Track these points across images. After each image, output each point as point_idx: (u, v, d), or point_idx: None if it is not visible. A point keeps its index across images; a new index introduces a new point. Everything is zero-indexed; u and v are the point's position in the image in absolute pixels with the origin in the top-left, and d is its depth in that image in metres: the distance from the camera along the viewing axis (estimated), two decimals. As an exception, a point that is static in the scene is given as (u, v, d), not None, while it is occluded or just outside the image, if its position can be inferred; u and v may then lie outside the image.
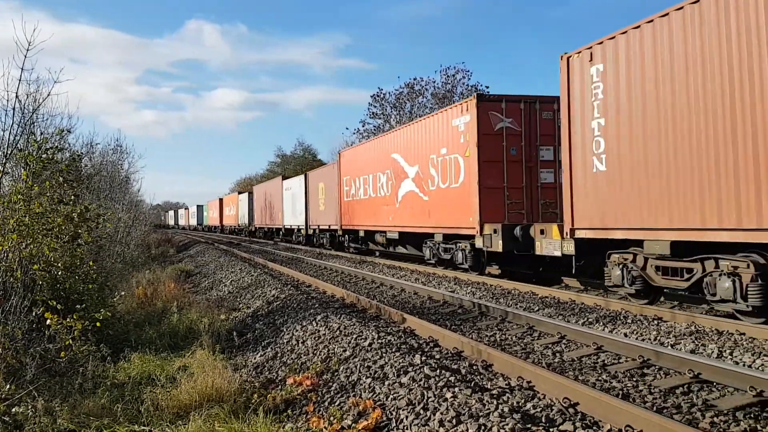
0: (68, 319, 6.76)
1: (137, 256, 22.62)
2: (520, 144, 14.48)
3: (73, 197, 9.17)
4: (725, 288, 8.21)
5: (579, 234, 10.78)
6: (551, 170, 14.59)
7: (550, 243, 11.72)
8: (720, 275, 8.33)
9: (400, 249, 21.19)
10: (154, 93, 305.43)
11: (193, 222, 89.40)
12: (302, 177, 32.54)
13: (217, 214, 67.74)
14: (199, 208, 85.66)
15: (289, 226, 35.77)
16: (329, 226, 27.76)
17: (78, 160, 11.98)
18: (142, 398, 6.03)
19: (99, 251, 12.50)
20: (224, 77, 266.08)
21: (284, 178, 38.75)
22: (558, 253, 11.38)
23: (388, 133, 21.36)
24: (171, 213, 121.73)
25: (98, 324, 7.21)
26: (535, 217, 14.38)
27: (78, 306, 7.53)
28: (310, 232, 31.39)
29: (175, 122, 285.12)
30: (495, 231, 13.65)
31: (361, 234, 23.57)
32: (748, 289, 7.96)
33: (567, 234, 11.02)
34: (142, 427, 5.25)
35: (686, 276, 8.96)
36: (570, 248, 10.97)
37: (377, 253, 23.90)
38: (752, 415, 4.81)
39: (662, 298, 10.38)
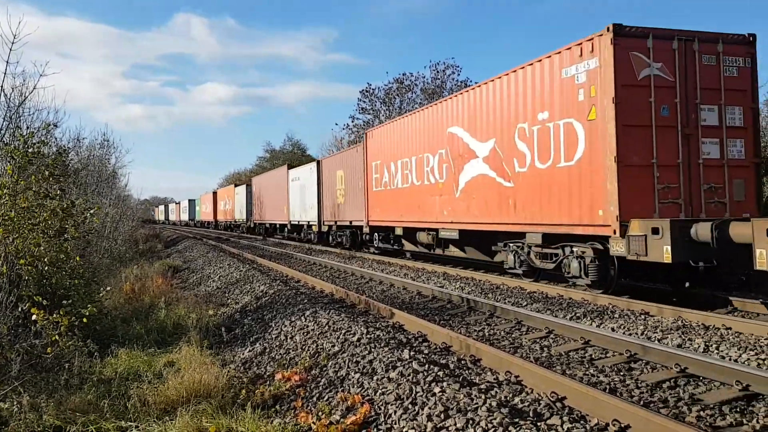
0: (55, 315, 6.70)
1: (125, 251, 22.50)
2: (674, 101, 9.97)
3: (59, 192, 9.09)
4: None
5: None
6: (716, 140, 10.16)
7: None
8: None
9: (455, 251, 16.43)
10: (141, 87, 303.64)
11: (185, 217, 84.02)
12: (313, 165, 28.12)
13: (210, 209, 63.28)
14: (191, 202, 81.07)
15: (296, 222, 30.96)
16: (350, 222, 23.42)
17: (64, 154, 11.88)
18: (128, 394, 6.00)
19: (86, 246, 12.42)
20: (212, 71, 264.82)
21: (290, 167, 33.56)
22: None
23: (442, 101, 16.00)
24: (161, 208, 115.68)
25: (85, 320, 7.15)
26: (696, 208, 10.03)
27: (65, 301, 7.47)
28: (324, 228, 26.93)
29: (162, 117, 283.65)
30: (656, 231, 9.00)
31: (398, 232, 18.98)
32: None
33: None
34: (129, 423, 5.22)
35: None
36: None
37: (408, 255, 19.96)
38: (738, 409, 4.85)
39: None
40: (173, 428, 4.97)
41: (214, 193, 63.09)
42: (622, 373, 5.92)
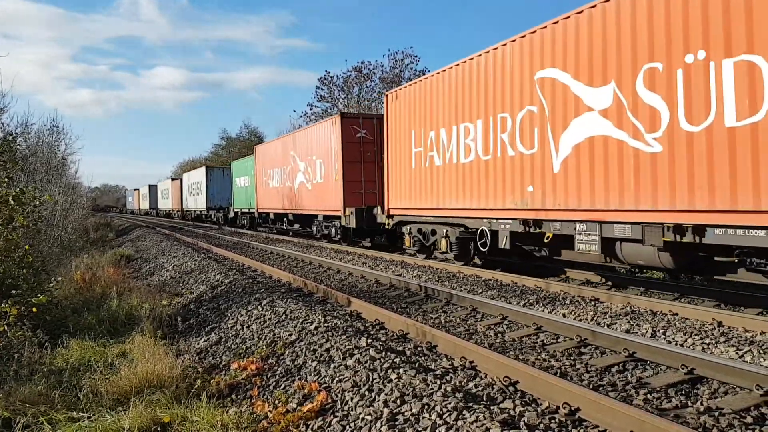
0: (3, 305, 6.54)
1: (75, 240, 21.96)
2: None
3: (6, 179, 8.83)
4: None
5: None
6: None
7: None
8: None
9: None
10: (90, 71, 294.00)
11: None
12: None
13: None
14: (152, 189, 72.50)
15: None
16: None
17: (12, 140, 11.51)
18: (80, 385, 5.88)
19: (36, 235, 12.09)
20: (164, 55, 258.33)
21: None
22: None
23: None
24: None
25: (34, 309, 7.00)
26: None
27: (13, 291, 7.29)
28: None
29: (113, 102, 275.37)
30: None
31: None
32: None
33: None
34: (81, 414, 5.13)
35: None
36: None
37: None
38: (683, 392, 5.03)
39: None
40: (126, 418, 4.90)
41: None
42: (572, 358, 6.08)
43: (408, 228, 15.93)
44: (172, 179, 60.86)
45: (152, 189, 72.80)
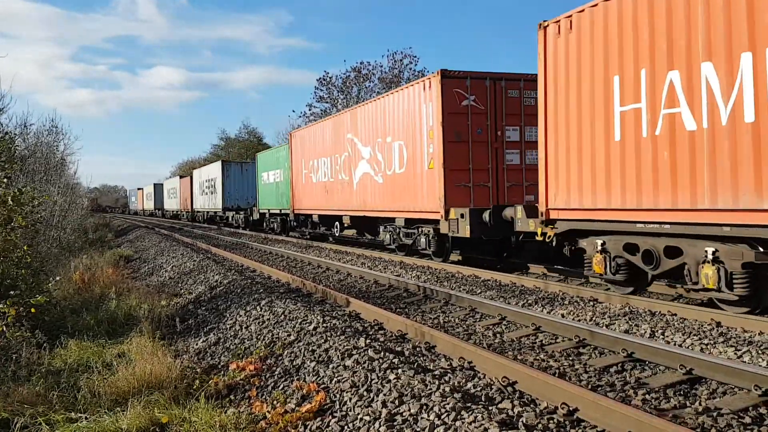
0: (1, 305, 6.54)
1: (74, 240, 21.94)
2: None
3: (5, 180, 8.83)
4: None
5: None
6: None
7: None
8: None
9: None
10: (89, 71, 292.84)
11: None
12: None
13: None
14: (158, 188, 67.19)
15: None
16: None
17: (11, 141, 11.52)
18: (78, 385, 5.89)
19: (35, 236, 12.09)
20: (162, 54, 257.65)
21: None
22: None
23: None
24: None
25: (33, 310, 7.00)
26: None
27: (12, 291, 7.29)
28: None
29: (112, 102, 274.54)
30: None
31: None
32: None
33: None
34: (79, 415, 5.13)
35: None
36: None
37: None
38: (682, 393, 5.03)
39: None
40: (125, 419, 4.90)
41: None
42: (571, 358, 6.08)
43: (597, 243, 9.53)
44: (181, 177, 55.12)
45: (157, 188, 67.81)
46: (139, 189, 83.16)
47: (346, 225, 20.38)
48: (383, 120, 16.47)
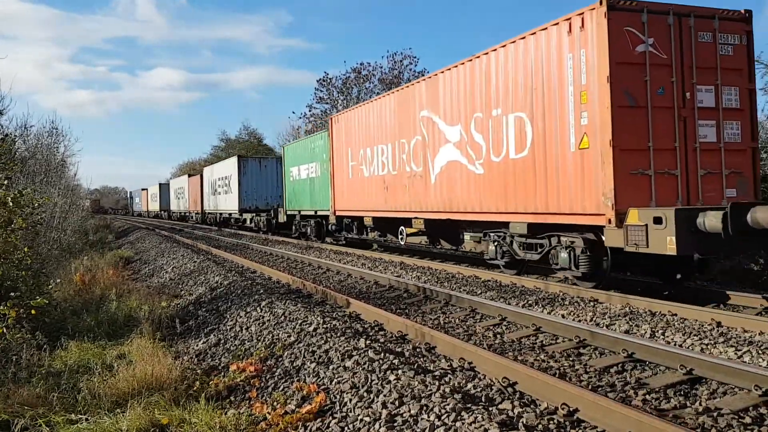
0: (1, 307, 6.53)
1: (74, 242, 21.94)
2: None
3: (5, 181, 8.83)
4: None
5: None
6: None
7: None
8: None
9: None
10: (88, 72, 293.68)
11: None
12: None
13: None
14: (163, 188, 62.27)
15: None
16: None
17: (11, 142, 11.53)
18: (79, 387, 5.89)
19: (35, 237, 12.09)
20: (162, 55, 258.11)
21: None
22: None
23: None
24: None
25: (33, 311, 6.99)
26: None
27: (12, 293, 7.28)
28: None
29: (111, 102, 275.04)
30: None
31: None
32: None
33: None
34: (79, 416, 5.13)
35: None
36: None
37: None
38: (682, 393, 5.03)
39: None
40: (125, 420, 4.90)
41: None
42: (571, 359, 6.07)
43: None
44: (189, 175, 49.99)
45: (163, 188, 62.72)
46: (143, 189, 78.13)
47: (416, 230, 15.69)
48: (485, 87, 11.85)
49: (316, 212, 22.53)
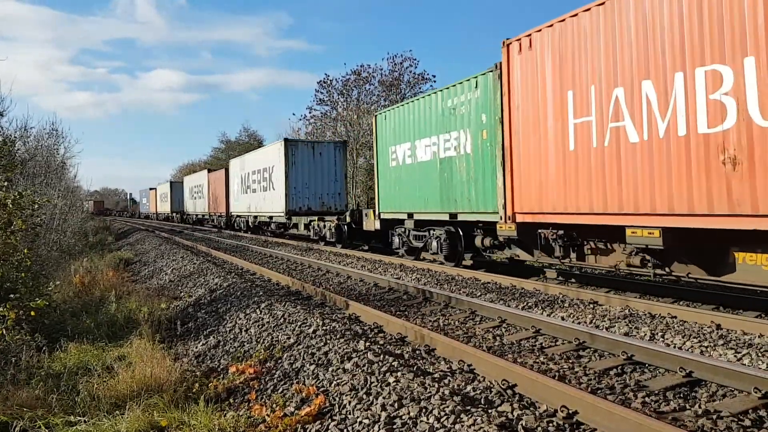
0: (1, 308, 6.53)
1: (74, 243, 21.95)
2: None
3: (5, 183, 8.83)
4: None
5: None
6: None
7: None
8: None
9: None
10: (88, 73, 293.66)
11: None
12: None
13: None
14: (176, 186, 56.30)
15: None
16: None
17: (11, 144, 11.53)
18: (78, 389, 5.89)
19: (35, 239, 12.09)
20: (161, 56, 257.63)
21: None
22: None
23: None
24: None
25: (33, 313, 6.98)
26: None
27: (12, 295, 7.28)
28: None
29: (111, 104, 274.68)
30: None
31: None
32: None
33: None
34: (78, 418, 5.13)
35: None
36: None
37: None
38: (682, 395, 5.02)
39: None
40: (124, 422, 4.90)
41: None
42: (571, 361, 6.07)
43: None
44: (209, 170, 43.72)
45: (176, 187, 56.46)
46: (151, 189, 71.14)
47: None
48: None
49: (454, 216, 13.93)
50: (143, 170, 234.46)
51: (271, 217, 27.78)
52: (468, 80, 13.23)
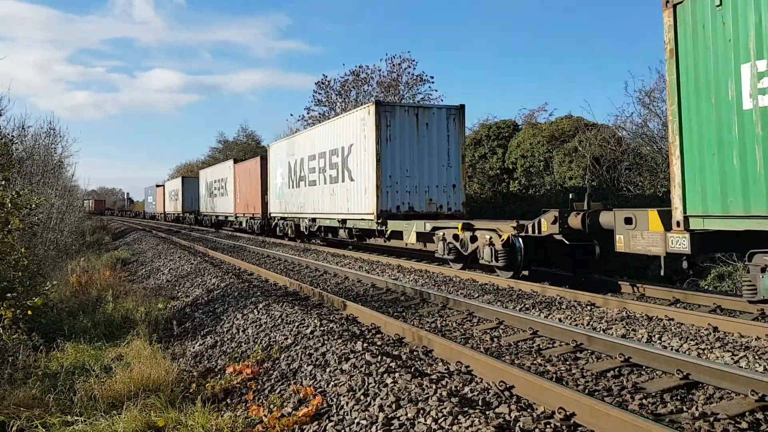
0: (-3, 308, 6.52)
1: (71, 243, 21.92)
2: None
3: (3, 182, 8.83)
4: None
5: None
6: None
7: None
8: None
9: None
10: (86, 73, 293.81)
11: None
12: None
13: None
14: (188, 183, 48.61)
15: None
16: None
17: (9, 143, 11.51)
18: (75, 388, 5.88)
19: (32, 238, 12.07)
20: (160, 56, 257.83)
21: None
22: None
23: None
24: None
25: (30, 312, 6.98)
26: None
27: (8, 294, 7.27)
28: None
29: (110, 104, 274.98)
30: None
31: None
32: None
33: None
34: (75, 418, 5.12)
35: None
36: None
37: None
38: (679, 397, 5.03)
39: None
40: (121, 422, 4.89)
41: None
42: (568, 363, 6.07)
43: None
44: (235, 161, 35.59)
45: (188, 183, 48.73)
46: (158, 186, 63.09)
47: None
48: None
49: None
50: (142, 170, 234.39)
51: (343, 221, 19.44)
52: None
